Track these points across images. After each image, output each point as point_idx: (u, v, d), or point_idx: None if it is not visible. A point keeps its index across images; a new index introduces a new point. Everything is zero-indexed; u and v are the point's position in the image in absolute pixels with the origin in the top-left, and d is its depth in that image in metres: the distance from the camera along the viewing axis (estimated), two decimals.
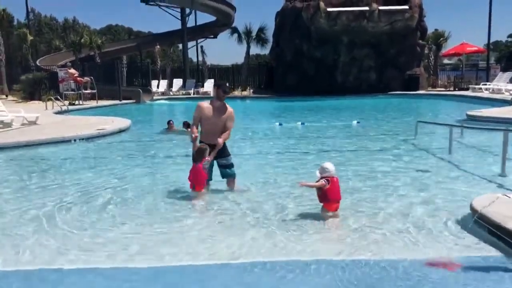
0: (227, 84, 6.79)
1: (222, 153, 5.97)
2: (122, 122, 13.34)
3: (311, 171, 5.19)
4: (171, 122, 12.51)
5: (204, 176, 5.81)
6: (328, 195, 4.97)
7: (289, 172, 7.45)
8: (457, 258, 3.98)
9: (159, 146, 10.79)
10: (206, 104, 5.95)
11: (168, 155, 9.53)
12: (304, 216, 5.10)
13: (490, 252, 4.01)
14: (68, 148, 10.37)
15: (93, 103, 21.26)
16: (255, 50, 32.56)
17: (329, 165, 5.02)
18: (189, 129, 12.17)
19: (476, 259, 3.95)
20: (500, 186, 6.20)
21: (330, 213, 5.02)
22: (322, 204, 5.06)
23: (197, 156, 5.78)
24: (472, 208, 4.68)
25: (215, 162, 6.01)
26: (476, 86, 23.38)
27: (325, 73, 24.87)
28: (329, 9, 23.98)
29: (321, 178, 4.98)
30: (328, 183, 4.93)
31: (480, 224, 4.43)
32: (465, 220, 4.76)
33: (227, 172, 6.08)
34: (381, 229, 4.68)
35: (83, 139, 10.97)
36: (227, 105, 6.00)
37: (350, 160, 8.34)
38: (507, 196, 4.95)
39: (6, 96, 25.87)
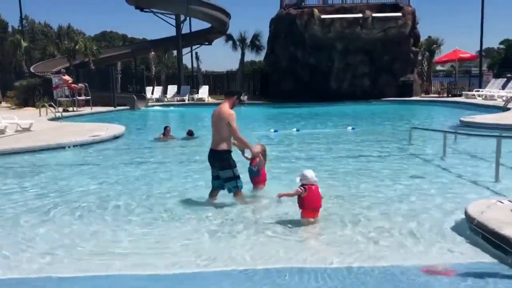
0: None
1: None
2: (116, 129, 13.32)
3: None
4: (167, 128, 12.45)
5: None
6: (305, 203, 5.00)
7: (285, 177, 7.44)
8: (452, 264, 4.00)
9: (155, 152, 10.77)
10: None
11: (164, 161, 9.50)
12: (290, 223, 5.08)
13: (484, 258, 4.02)
14: (63, 154, 10.32)
15: (87, 110, 21.19)
16: (249, 56, 32.61)
17: (309, 173, 5.01)
18: (191, 137, 12.21)
19: (471, 265, 3.95)
20: (494, 191, 6.23)
21: (311, 220, 5.04)
22: (300, 210, 5.09)
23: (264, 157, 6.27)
24: (466, 214, 4.70)
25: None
26: (469, 93, 23.56)
27: (320, 80, 24.99)
28: (323, 16, 24.13)
29: (301, 185, 5.00)
30: (305, 191, 4.94)
31: (475, 230, 4.44)
32: (459, 226, 4.77)
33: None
34: (375, 235, 4.69)
35: (77, 145, 10.93)
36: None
37: (344, 166, 8.35)
38: (501, 202, 4.98)
39: (0, 102, 25.74)
